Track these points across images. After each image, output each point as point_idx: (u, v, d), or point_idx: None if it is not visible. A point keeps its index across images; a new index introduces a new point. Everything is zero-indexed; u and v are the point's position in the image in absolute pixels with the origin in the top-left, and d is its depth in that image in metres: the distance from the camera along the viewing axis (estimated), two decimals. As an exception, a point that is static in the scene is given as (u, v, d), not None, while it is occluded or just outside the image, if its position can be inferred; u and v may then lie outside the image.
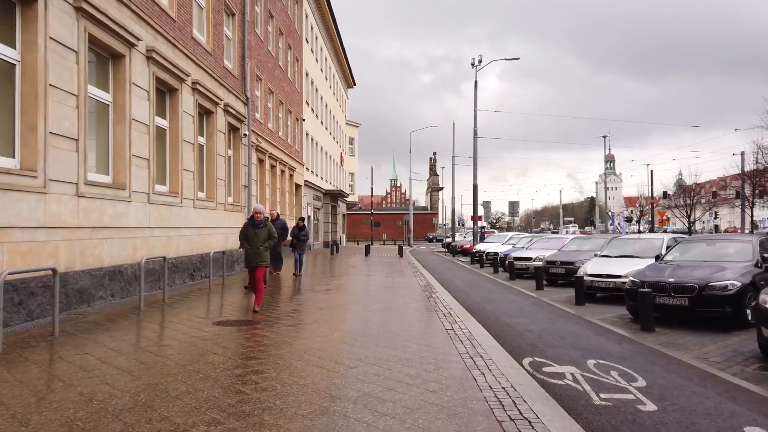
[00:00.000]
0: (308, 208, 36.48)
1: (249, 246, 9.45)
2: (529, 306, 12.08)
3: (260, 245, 9.42)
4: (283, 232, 15.57)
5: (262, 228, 9.53)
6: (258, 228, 9.51)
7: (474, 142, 29.18)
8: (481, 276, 20.38)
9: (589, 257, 16.16)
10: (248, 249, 9.46)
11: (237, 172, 18.19)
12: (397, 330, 8.02)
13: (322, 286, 14.18)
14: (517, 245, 23.61)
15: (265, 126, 25.46)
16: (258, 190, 24.88)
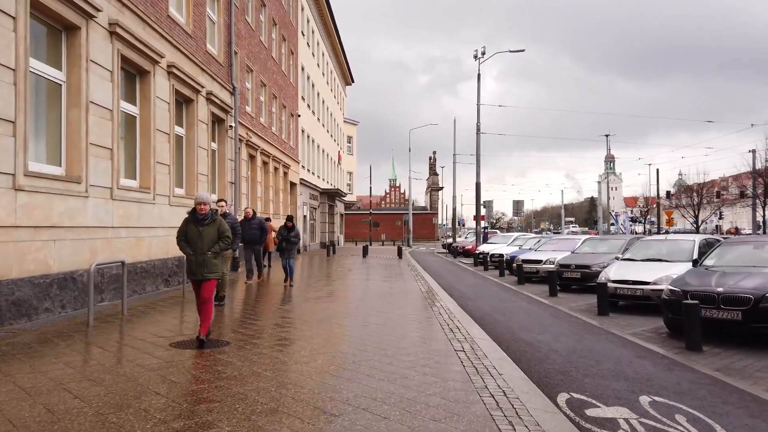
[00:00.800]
0: (304, 207, 34.95)
1: (191, 251, 6.86)
2: (546, 317, 10.55)
3: (206, 250, 6.82)
4: (261, 233, 14.02)
5: (208, 225, 6.93)
6: (202, 225, 6.90)
7: (477, 138, 27.69)
8: (487, 280, 18.85)
9: (606, 260, 14.66)
10: (190, 255, 6.87)
11: (222, 168, 16.66)
12: (395, 352, 6.50)
13: (312, 293, 12.65)
14: (524, 246, 22.09)
15: (256, 120, 23.94)
16: (249, 188, 23.35)
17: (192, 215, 7.03)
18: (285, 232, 14.00)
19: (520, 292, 14.77)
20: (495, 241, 27.80)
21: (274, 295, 11.99)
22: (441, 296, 12.59)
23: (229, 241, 7.13)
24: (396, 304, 10.92)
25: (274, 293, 12.37)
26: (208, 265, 6.86)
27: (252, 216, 14.11)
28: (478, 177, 27.66)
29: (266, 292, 12.56)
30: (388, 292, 12.86)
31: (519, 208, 31.72)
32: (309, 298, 11.66)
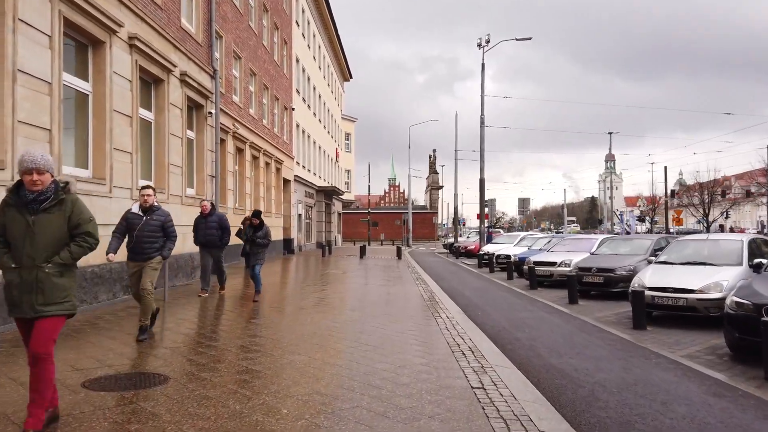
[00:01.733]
0: (299, 205, 33.15)
1: (10, 262, 3.77)
2: (574, 332, 8.76)
3: (42, 260, 3.76)
4: (222, 234, 11.47)
5: (48, 212, 3.79)
6: (36, 212, 3.76)
7: (481, 132, 25.92)
8: (495, 284, 17.06)
9: (631, 263, 12.90)
10: (9, 269, 3.78)
11: (201, 159, 14.86)
12: (391, 391, 4.74)
13: (296, 302, 10.86)
14: (533, 247, 20.31)
15: (245, 111, 22.14)
16: (236, 184, 21.56)
17: (13, 194, 3.80)
18: (250, 232, 10.92)
19: (535, 299, 12.98)
20: (500, 241, 26.00)
21: (243, 309, 10.20)
22: (445, 304, 10.81)
23: (91, 241, 3.94)
24: (394, 315, 9.14)
25: (244, 306, 10.57)
26: (47, 289, 3.73)
27: (209, 211, 11.39)
28: (482, 173, 25.90)
29: (239, 303, 10.76)
30: (386, 300, 11.08)
31: (525, 206, 29.99)
32: (290, 310, 9.88)
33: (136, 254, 7.03)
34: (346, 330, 7.77)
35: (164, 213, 7.27)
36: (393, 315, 9.16)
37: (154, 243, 7.07)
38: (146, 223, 7.02)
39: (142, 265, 7.00)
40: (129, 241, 7.05)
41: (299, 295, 11.89)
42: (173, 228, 7.34)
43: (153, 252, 7.05)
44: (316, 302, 10.59)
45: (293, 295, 11.96)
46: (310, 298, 11.29)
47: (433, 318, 9.01)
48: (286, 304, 10.46)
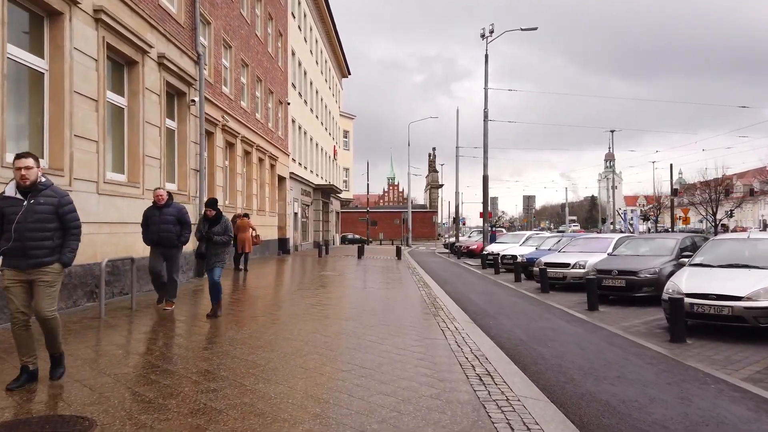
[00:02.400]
0: (294, 203, 31.86)
1: None
2: (606, 347, 7.47)
3: None
4: (181, 229, 8.88)
5: None
6: None
7: (484, 127, 24.63)
8: (502, 286, 15.78)
9: (656, 265, 11.64)
10: None
11: (183, 151, 13.57)
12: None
13: (283, 310, 9.57)
14: (542, 247, 19.02)
15: (236, 103, 20.85)
16: (226, 180, 20.27)
17: None
18: (205, 227, 8.37)
19: (550, 305, 11.70)
20: (504, 240, 24.72)
21: (218, 321, 8.91)
22: (452, 312, 9.54)
23: None
24: (395, 325, 7.87)
25: (220, 317, 9.28)
26: None
27: (166, 201, 8.81)
28: (486, 170, 24.62)
29: (206, 318, 9.47)
30: (384, 307, 9.79)
31: (530, 204, 28.63)
32: (278, 317, 8.59)
33: (18, 258, 4.63)
34: (339, 346, 6.50)
35: (59, 193, 4.84)
36: (393, 325, 7.88)
37: (44, 241, 4.68)
38: (29, 210, 4.62)
39: (31, 277, 4.67)
40: (5, 239, 4.65)
41: (288, 300, 10.60)
42: (74, 215, 4.88)
43: (46, 256, 4.69)
44: (306, 310, 9.30)
45: (282, 301, 10.67)
46: (300, 304, 10.00)
47: (439, 329, 7.74)
48: (271, 312, 9.17)
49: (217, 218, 8.40)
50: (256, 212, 23.50)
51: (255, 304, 10.11)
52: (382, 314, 8.94)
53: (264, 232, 24.89)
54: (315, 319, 8.40)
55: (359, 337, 7.06)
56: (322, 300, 10.69)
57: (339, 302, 10.49)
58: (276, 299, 10.83)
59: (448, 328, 7.84)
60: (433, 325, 8.09)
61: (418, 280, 15.38)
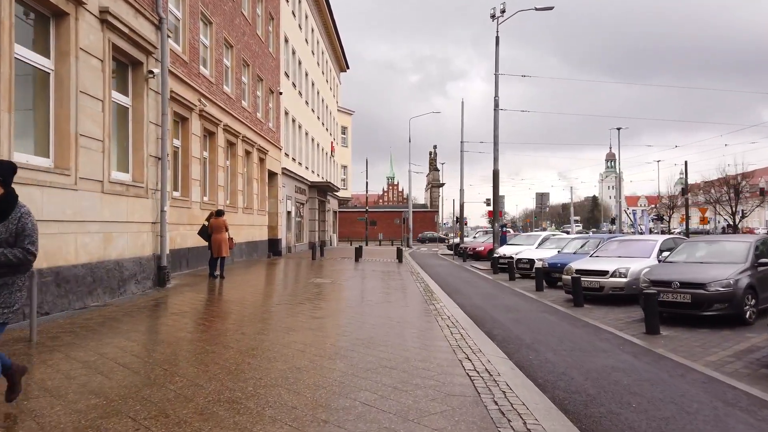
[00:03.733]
0: (287, 201, 29.30)
1: None
2: (721, 407, 4.92)
3: None
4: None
5: None
6: None
7: (495, 116, 22.07)
8: (525, 298, 13.23)
9: (727, 275, 9.11)
10: None
11: (140, 134, 10.98)
12: None
13: (247, 340, 6.98)
14: (565, 250, 16.46)
15: (217, 87, 18.31)
16: (206, 173, 17.71)
17: None
18: None
19: (596, 326, 9.15)
20: (517, 242, 22.15)
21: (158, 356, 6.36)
22: (476, 340, 7.02)
23: None
24: (400, 369, 5.32)
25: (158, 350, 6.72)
26: None
27: None
28: (496, 163, 22.05)
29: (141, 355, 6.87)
30: (385, 334, 7.24)
31: (543, 201, 26.06)
32: (234, 354, 6.03)
33: None
34: (312, 421, 3.94)
35: None
36: (399, 368, 5.34)
37: None
38: None
39: None
40: None
41: (261, 323, 8.05)
42: None
43: None
44: (280, 339, 6.75)
45: (252, 322, 8.11)
46: (274, 330, 7.45)
47: (465, 375, 5.20)
48: (228, 344, 6.61)
49: (7, 202, 3.80)
50: (242, 210, 20.95)
51: (211, 329, 7.56)
52: (383, 347, 6.39)
53: (251, 232, 22.32)
54: (286, 358, 5.84)
55: (347, 394, 4.51)
56: (305, 322, 8.13)
57: (326, 327, 7.93)
58: (245, 320, 8.28)
59: (478, 374, 5.32)
60: (455, 366, 5.55)
61: (424, 290, 12.85)
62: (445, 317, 8.87)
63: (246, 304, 9.81)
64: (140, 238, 10.69)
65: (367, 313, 9.11)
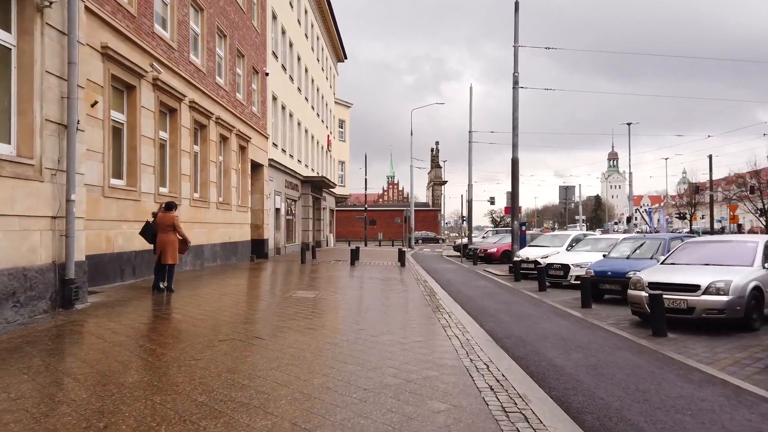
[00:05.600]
0: (276, 197, 25.80)
1: None
2: None
3: None
4: None
5: None
6: None
7: (514, 95, 18.56)
8: (578, 322, 9.73)
9: None
10: None
11: (28, 89, 7.45)
12: None
13: (182, 402, 3.47)
14: (612, 254, 12.93)
15: (180, 55, 14.83)
16: (164, 159, 14.27)
17: None
18: None
19: (710, 375, 5.68)
20: (541, 243, 18.64)
21: None
22: (545, 418, 3.51)
23: None
24: None
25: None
26: None
27: None
28: (515, 151, 18.52)
29: None
30: (395, 397, 3.75)
31: (568, 196, 22.55)
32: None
33: None
34: None
35: None
36: None
37: None
38: None
39: None
40: None
41: (197, 379, 4.54)
42: None
43: None
44: (225, 399, 3.27)
45: (158, 387, 4.61)
46: (217, 380, 3.96)
47: None
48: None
49: None
50: (216, 206, 17.45)
51: (108, 399, 4.06)
52: None
53: (229, 231, 18.80)
54: None
55: None
56: (251, 387, 4.62)
57: (282, 407, 4.43)
58: (153, 382, 4.79)
59: None
60: None
61: (437, 308, 9.38)
62: (482, 367, 5.40)
63: (191, 339, 6.32)
64: (26, 239, 7.20)
65: (367, 359, 5.62)
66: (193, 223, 15.47)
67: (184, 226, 14.83)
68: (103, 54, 10.83)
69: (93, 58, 10.50)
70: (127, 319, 7.49)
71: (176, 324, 7.40)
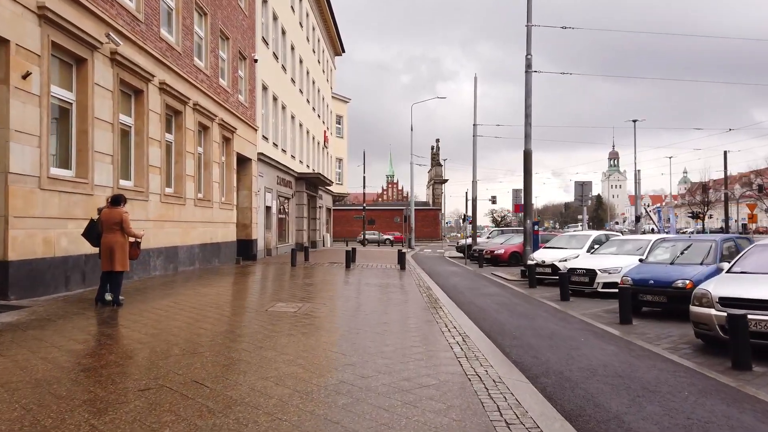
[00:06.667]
0: (266, 195, 23.81)
1: None
2: None
3: None
4: None
5: None
6: None
7: (527, 80, 16.54)
8: (626, 346, 7.76)
9: None
10: None
11: None
12: None
13: None
14: (650, 259, 10.91)
15: (149, 29, 12.83)
16: (127, 147, 12.32)
17: None
18: None
19: None
20: (557, 244, 16.62)
21: None
22: None
23: None
24: None
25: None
26: None
27: None
28: (529, 141, 16.53)
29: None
30: None
31: (585, 192, 20.57)
32: None
33: None
34: None
35: None
36: None
37: None
38: None
39: None
40: None
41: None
42: None
43: None
44: None
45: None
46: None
47: None
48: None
49: None
50: (193, 202, 15.46)
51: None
52: None
53: (210, 231, 16.81)
54: None
55: None
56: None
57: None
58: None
59: None
60: None
61: (447, 327, 7.41)
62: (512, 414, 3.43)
63: (69, 395, 4.33)
64: None
65: (340, 430, 3.64)
66: (164, 222, 13.49)
67: (153, 225, 12.92)
68: (41, 16, 8.85)
69: (25, 20, 8.54)
70: (26, 351, 5.50)
71: (96, 358, 5.40)
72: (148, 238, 12.61)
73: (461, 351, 6.15)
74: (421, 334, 6.98)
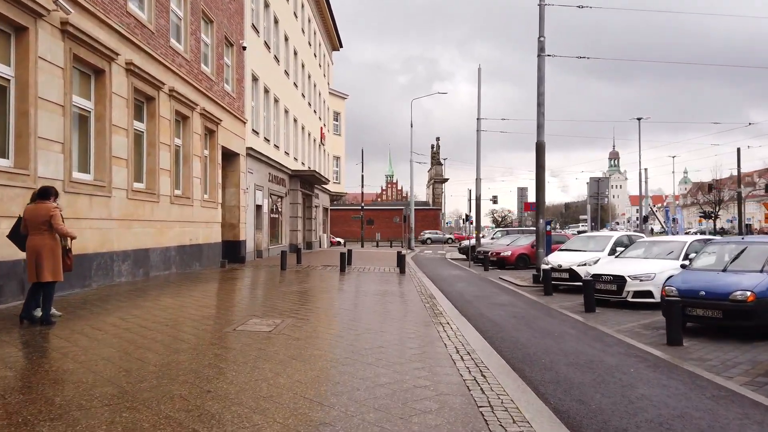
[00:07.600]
0: (257, 192, 22.14)
1: None
2: None
3: None
4: None
5: None
6: None
7: (539, 64, 14.85)
8: (689, 379, 6.10)
9: None
10: None
11: None
12: None
13: None
14: (696, 265, 9.14)
15: (115, 2, 11.16)
16: (88, 135, 10.63)
17: None
18: None
19: None
20: (574, 246, 14.90)
21: None
22: None
23: None
24: None
25: None
26: None
27: None
28: (542, 132, 14.87)
29: None
30: None
31: (601, 189, 18.93)
32: None
33: None
34: None
35: None
36: None
37: None
38: None
39: None
40: None
41: None
42: None
43: None
44: None
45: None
46: None
47: None
48: None
49: None
50: (170, 200, 13.78)
51: None
52: None
53: (189, 232, 15.11)
54: None
55: None
56: None
57: None
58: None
59: None
60: None
61: (458, 353, 5.77)
62: None
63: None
64: None
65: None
66: (132, 221, 11.81)
67: (118, 225, 11.22)
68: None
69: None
70: None
71: (101, 366, 3.73)
72: (111, 239, 10.94)
73: (482, 394, 4.49)
74: (426, 365, 5.32)
